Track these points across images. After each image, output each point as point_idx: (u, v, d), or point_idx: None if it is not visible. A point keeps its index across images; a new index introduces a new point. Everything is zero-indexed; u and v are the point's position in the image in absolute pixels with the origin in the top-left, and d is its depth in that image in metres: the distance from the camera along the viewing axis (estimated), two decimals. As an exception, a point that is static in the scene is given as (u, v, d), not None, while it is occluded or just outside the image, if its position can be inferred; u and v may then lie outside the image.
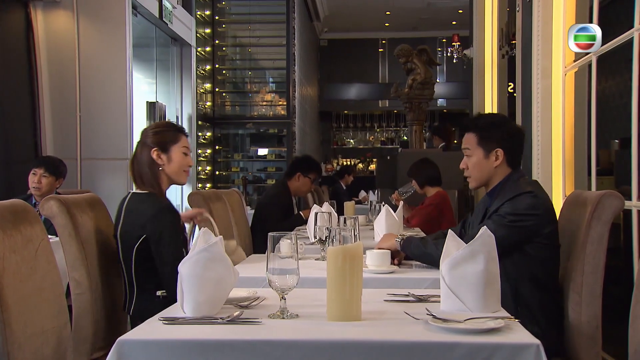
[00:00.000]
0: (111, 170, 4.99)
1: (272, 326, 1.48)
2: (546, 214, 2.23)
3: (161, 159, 2.40)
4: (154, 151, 2.40)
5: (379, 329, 1.47)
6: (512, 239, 2.19)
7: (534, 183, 2.36)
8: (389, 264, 2.29)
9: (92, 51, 4.95)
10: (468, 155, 2.40)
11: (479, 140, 2.37)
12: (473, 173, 2.40)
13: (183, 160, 2.45)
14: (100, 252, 2.37)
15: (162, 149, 2.41)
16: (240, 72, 10.07)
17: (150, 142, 2.41)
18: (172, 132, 2.46)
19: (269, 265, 1.58)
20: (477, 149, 2.37)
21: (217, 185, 8.79)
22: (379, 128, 15.37)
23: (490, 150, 2.35)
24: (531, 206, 2.20)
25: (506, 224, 2.20)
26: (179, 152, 2.44)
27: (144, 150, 2.42)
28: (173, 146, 2.43)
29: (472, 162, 2.39)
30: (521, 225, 2.20)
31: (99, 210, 2.49)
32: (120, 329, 2.43)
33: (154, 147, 2.40)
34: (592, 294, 2.17)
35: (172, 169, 2.43)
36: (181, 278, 1.60)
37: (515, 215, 2.20)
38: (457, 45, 9.28)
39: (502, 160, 2.35)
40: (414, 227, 4.36)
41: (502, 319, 1.46)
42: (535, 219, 2.20)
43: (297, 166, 4.66)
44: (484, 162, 2.36)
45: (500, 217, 2.22)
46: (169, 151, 2.42)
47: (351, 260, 1.51)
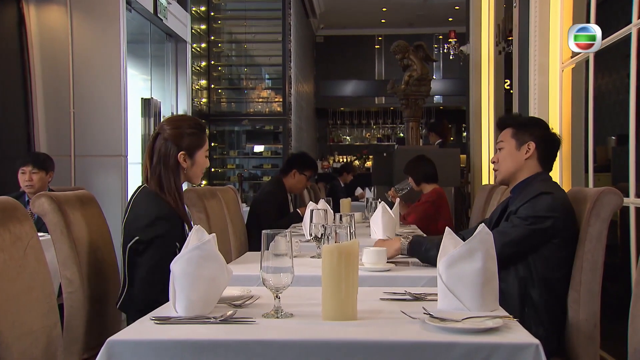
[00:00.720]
0: (105, 167, 4.94)
1: (266, 326, 1.45)
2: (565, 216, 2.19)
3: (186, 162, 2.33)
4: (182, 155, 2.31)
5: (375, 328, 1.44)
6: (529, 241, 2.17)
7: (557, 185, 2.33)
8: (385, 261, 2.26)
9: (86, 47, 4.90)
10: (501, 149, 2.39)
11: (513, 133, 2.37)
12: (502, 165, 2.38)
13: (205, 163, 2.42)
14: (93, 250, 2.34)
15: (189, 154, 2.33)
16: (235, 69, 10.02)
17: (176, 144, 2.30)
18: (201, 135, 2.38)
19: (263, 263, 1.54)
20: (510, 140, 2.36)
21: (212, 182, 8.75)
22: (375, 125, 15.36)
23: (523, 142, 2.34)
24: (550, 207, 2.17)
25: (524, 226, 2.17)
26: (202, 156, 2.39)
27: (168, 150, 2.30)
28: (199, 151, 2.36)
29: (502, 154, 2.38)
30: (539, 227, 2.16)
31: (91, 208, 2.45)
32: (114, 328, 2.40)
33: (182, 150, 2.31)
34: (590, 291, 2.15)
35: (194, 172, 2.38)
36: (173, 276, 1.56)
37: (534, 218, 2.17)
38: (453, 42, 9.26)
39: (532, 154, 2.33)
40: (410, 224, 4.34)
41: (500, 318, 1.43)
42: (553, 221, 2.16)
43: (293, 163, 4.62)
44: (515, 154, 2.35)
45: (519, 220, 2.19)
46: (194, 155, 2.35)
47: (346, 259, 1.48)
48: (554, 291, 2.20)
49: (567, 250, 2.19)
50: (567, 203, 2.23)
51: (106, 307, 2.35)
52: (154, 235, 2.18)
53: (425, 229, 4.11)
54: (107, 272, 2.44)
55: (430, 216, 4.53)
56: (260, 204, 4.53)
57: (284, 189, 4.59)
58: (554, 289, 2.20)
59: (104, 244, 2.47)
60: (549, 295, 2.19)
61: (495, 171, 2.44)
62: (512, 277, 2.20)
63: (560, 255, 2.19)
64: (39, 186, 3.85)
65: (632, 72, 3.37)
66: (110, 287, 2.42)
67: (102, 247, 2.44)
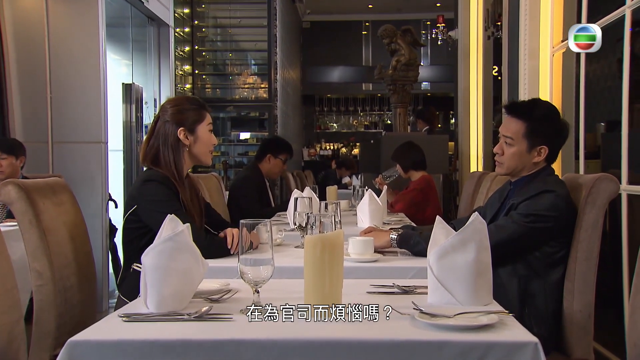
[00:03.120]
0: (85, 154, 4.79)
1: (244, 323, 1.34)
2: (567, 215, 2.09)
3: (188, 139, 2.31)
4: (181, 131, 2.30)
5: (360, 325, 1.33)
6: (528, 239, 2.08)
7: (560, 182, 2.20)
8: (373, 252, 2.16)
9: (63, 30, 4.72)
10: (509, 144, 2.22)
11: (526, 132, 2.19)
12: (508, 162, 2.24)
13: (210, 138, 2.37)
14: (66, 241, 2.21)
15: (189, 129, 2.31)
16: (220, 54, 9.83)
17: (176, 121, 2.31)
18: (197, 110, 2.35)
19: (241, 255, 1.44)
20: (522, 140, 2.20)
21: (197, 170, 8.61)
22: (363, 112, 15.26)
23: (535, 145, 2.19)
24: (552, 206, 2.07)
25: (524, 224, 2.07)
26: (205, 131, 2.35)
27: (167, 129, 2.32)
28: (199, 125, 2.34)
29: (510, 152, 2.22)
30: (540, 226, 2.07)
31: (63, 196, 2.33)
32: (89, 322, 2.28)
33: (181, 126, 2.30)
34: (585, 282, 2.08)
35: (199, 149, 2.35)
36: (144, 270, 1.45)
37: (535, 216, 2.07)
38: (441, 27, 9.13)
39: (542, 157, 2.21)
40: (397, 212, 4.25)
41: (495, 314, 1.34)
42: (555, 220, 2.07)
43: (267, 148, 4.55)
44: (525, 156, 2.21)
45: (519, 216, 2.09)
46: (195, 131, 2.33)
47: (330, 250, 1.37)
48: (558, 289, 2.11)
49: (569, 249, 2.11)
50: (569, 202, 2.12)
51: (84, 301, 2.24)
52: (148, 197, 2.23)
53: (413, 217, 4.03)
54: (82, 264, 2.32)
55: (418, 204, 4.45)
56: (239, 189, 4.45)
57: (261, 175, 4.52)
58: (557, 287, 2.11)
59: (78, 233, 2.35)
60: (550, 294, 2.10)
61: (498, 162, 2.30)
62: (512, 276, 2.11)
63: (561, 254, 2.10)
64: (9, 172, 3.72)
65: (626, 55, 3.29)
66: (84, 279, 2.30)
67: (76, 237, 2.32)
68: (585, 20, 3.80)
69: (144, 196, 2.29)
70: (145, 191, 2.29)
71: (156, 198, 2.26)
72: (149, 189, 2.28)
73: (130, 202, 2.35)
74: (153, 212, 2.23)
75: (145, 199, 2.29)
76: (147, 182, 2.29)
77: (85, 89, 4.77)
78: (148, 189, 2.28)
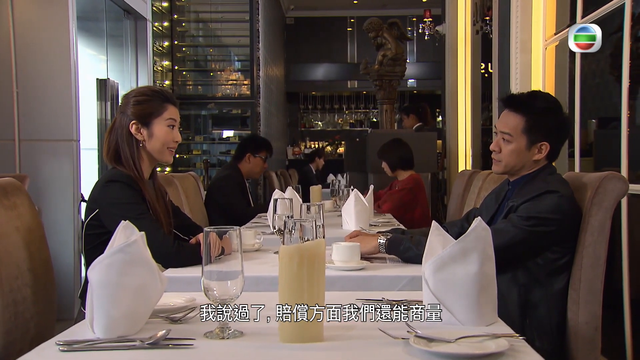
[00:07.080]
0: (55, 152, 4.53)
1: (207, 350, 1.13)
2: (572, 218, 1.92)
3: (141, 134, 2.10)
4: (133, 124, 2.09)
5: (345, 352, 1.12)
6: (530, 244, 1.90)
7: (564, 182, 2.03)
8: (359, 258, 1.96)
9: (30, 22, 4.45)
10: (506, 140, 2.05)
11: (525, 127, 2.02)
12: (506, 159, 2.06)
13: (167, 135, 2.13)
14: (19, 249, 1.98)
15: (143, 123, 2.10)
16: (201, 50, 9.57)
17: (130, 113, 2.10)
18: (156, 102, 2.13)
19: (205, 267, 1.23)
20: (521, 136, 2.02)
21: (177, 169, 8.36)
22: (348, 110, 15.08)
23: (535, 142, 2.02)
24: (555, 208, 1.90)
25: (525, 227, 1.89)
26: (162, 126, 2.12)
27: (122, 121, 2.11)
28: (156, 119, 2.11)
29: (509, 149, 2.04)
30: (542, 230, 1.89)
31: (17, 198, 2.09)
32: (45, 337, 2.05)
33: (133, 119, 2.08)
34: (591, 291, 1.90)
35: (153, 146, 2.12)
36: (91, 287, 1.23)
37: (536, 219, 1.89)
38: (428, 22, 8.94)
39: (543, 155, 2.03)
40: (385, 212, 4.06)
41: (504, 337, 1.13)
42: (558, 224, 1.89)
43: (245, 146, 4.41)
44: (524, 153, 2.03)
45: (520, 219, 1.91)
46: (151, 125, 2.10)
47: (310, 263, 1.16)
48: (562, 298, 1.92)
49: (573, 255, 1.93)
50: (574, 203, 1.94)
51: (39, 315, 2.01)
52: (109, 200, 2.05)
53: (401, 218, 3.84)
54: (38, 273, 2.09)
55: (406, 204, 4.25)
56: (219, 189, 4.25)
57: (240, 174, 4.37)
58: (560, 296, 1.92)
59: (34, 239, 2.12)
60: (553, 305, 1.91)
61: (495, 161, 2.11)
62: (511, 285, 1.92)
63: (565, 260, 1.92)
64: None
65: (625, 46, 3.12)
66: (41, 290, 2.07)
67: (31, 243, 2.09)
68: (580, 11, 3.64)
69: (106, 199, 2.08)
70: (107, 193, 2.08)
71: (119, 201, 2.06)
72: (111, 190, 2.08)
73: (91, 205, 2.15)
74: (116, 217, 2.01)
75: (107, 202, 2.08)
76: (109, 183, 2.09)
77: (55, 84, 4.51)
78: (110, 191, 2.08)
